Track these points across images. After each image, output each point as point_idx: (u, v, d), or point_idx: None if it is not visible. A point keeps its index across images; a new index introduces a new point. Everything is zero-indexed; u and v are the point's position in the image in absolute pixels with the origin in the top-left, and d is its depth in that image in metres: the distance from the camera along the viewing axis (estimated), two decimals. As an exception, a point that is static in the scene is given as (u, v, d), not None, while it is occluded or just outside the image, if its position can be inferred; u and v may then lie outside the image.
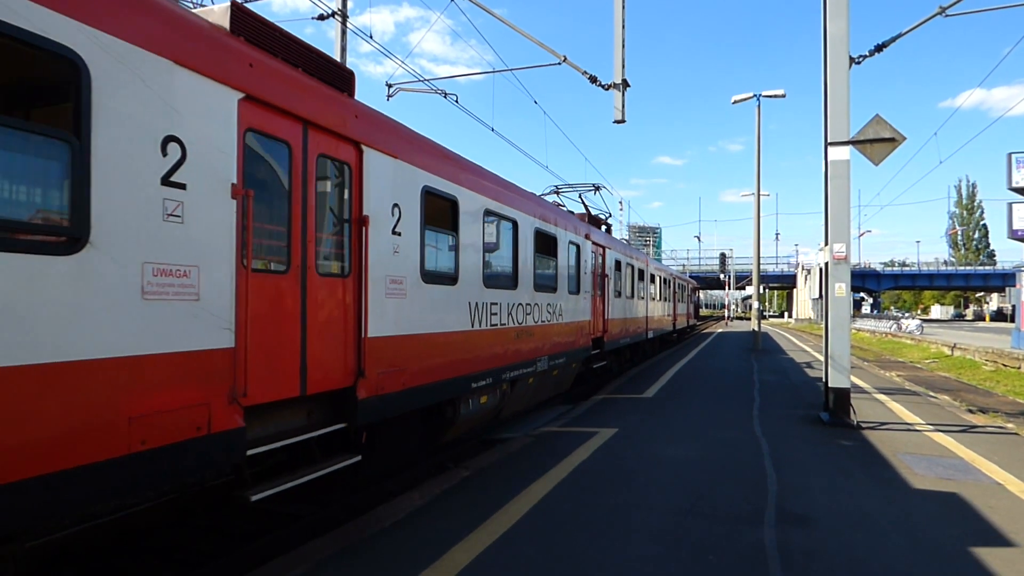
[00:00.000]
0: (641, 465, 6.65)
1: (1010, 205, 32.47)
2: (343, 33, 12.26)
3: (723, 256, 57.65)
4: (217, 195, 3.79)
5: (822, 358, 9.43)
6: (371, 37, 10.17)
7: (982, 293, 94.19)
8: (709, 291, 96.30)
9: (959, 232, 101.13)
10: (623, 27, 9.95)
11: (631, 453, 7.16)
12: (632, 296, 16.97)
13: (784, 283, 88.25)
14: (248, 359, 4.03)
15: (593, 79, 10.47)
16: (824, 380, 9.30)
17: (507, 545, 4.45)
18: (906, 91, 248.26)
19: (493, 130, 13.21)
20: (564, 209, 12.30)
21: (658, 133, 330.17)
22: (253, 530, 5.58)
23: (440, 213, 6.62)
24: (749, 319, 39.25)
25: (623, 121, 10.15)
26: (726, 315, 74.84)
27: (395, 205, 5.64)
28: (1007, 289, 66.80)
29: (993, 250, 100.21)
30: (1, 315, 2.70)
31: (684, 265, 79.13)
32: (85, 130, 3.04)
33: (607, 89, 10.16)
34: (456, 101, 10.81)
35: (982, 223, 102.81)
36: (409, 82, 11.84)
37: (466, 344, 6.95)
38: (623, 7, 10.10)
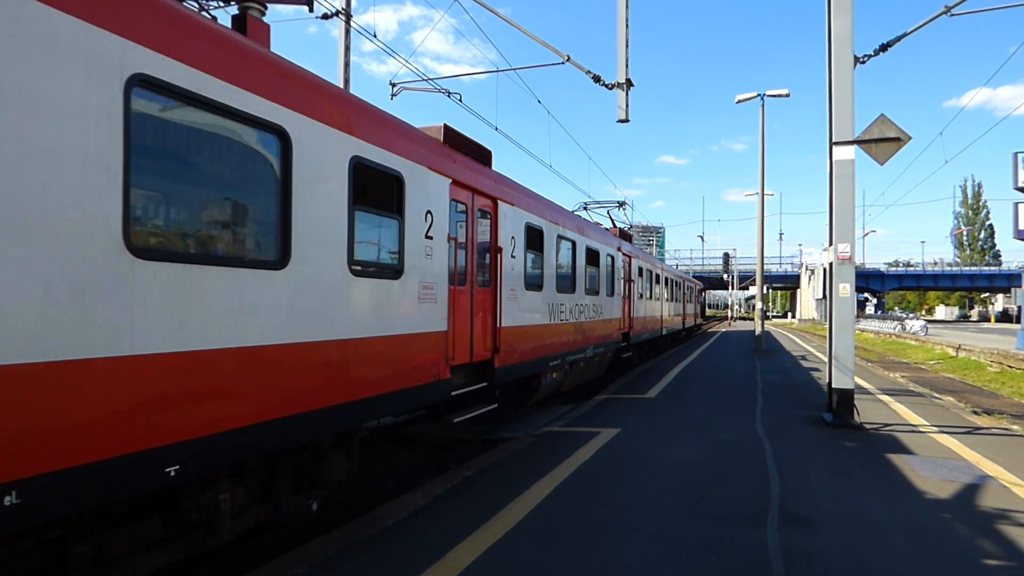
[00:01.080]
0: (643, 465, 6.63)
1: (1016, 205, 32.20)
2: (347, 32, 12.26)
3: (726, 256, 57.58)
4: (443, 242, 6.40)
5: (825, 359, 9.39)
6: (375, 36, 10.16)
7: (987, 294, 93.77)
8: (712, 291, 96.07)
9: (964, 232, 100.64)
10: (627, 26, 9.91)
11: (633, 453, 7.15)
12: (651, 298, 19.54)
13: (787, 283, 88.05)
14: (453, 338, 6.66)
15: (597, 79, 10.44)
16: (828, 381, 9.26)
17: (509, 545, 4.44)
18: (910, 90, 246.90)
19: (497, 129, 13.19)
20: (602, 227, 15.09)
21: (661, 132, 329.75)
22: (253, 528, 5.57)
23: (533, 239, 9.16)
24: (752, 319, 40.72)
25: (627, 120, 10.12)
26: (729, 315, 74.68)
27: (512, 237, 8.23)
28: (1013, 290, 66.34)
29: (999, 250, 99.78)
30: (377, 310, 5.32)
31: (678, 264, 79.02)
32: (401, 212, 5.72)
33: (611, 88, 10.13)
34: (460, 100, 10.78)
35: (987, 223, 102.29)
36: (413, 81, 11.80)
37: (547, 334, 9.55)
38: (627, 6, 10.06)
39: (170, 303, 3.45)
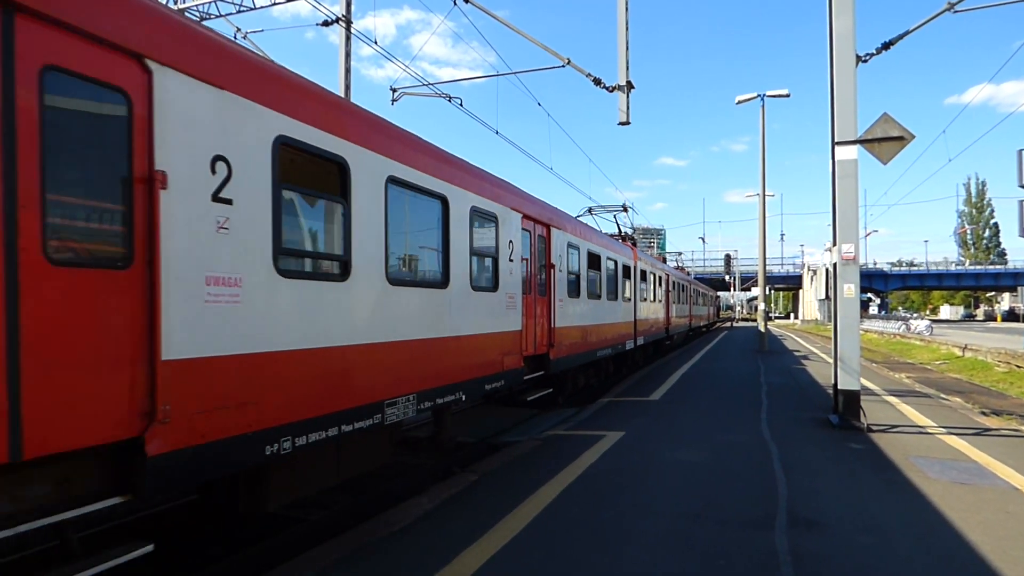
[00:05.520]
0: (649, 469, 6.59)
1: (1021, 203, 31.98)
2: (347, 39, 12.28)
3: (728, 257, 57.50)
4: (634, 287, 17.02)
5: (829, 359, 9.35)
6: (376, 42, 10.17)
7: (993, 293, 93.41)
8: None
9: (968, 231, 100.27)
10: (627, 29, 9.91)
11: (639, 457, 7.11)
12: (696, 304, 35.30)
13: (789, 284, 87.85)
14: (664, 320, 22.73)
15: (597, 81, 10.43)
16: (833, 382, 9.21)
17: (517, 550, 4.41)
18: (911, 87, 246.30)
19: (497, 133, 13.19)
20: (681, 267, 39.71)
21: (661, 134, 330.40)
22: (258, 533, 5.56)
23: (673, 285, 24.00)
24: (754, 320, 44.23)
25: (628, 123, 10.11)
26: (732, 316, 74.53)
27: (664, 285, 22.28)
28: (1019, 288, 66.06)
29: (1004, 249, 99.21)
30: (650, 314, 19.68)
31: (680, 266, 79.59)
32: (631, 279, 17.02)
33: (611, 91, 10.12)
34: (461, 105, 10.78)
35: (992, 222, 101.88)
36: (413, 86, 11.83)
37: (674, 320, 24.25)
38: (627, 9, 10.06)
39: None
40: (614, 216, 19.29)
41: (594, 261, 11.97)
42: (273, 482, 4.69)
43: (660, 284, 20.35)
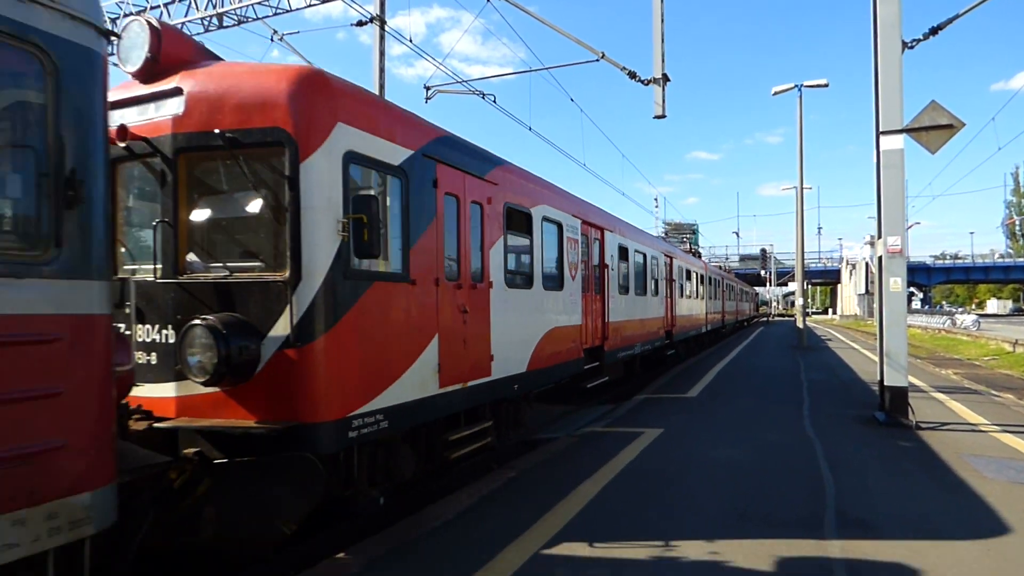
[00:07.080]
0: (690, 467, 6.51)
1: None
2: (381, 38, 12.40)
3: (763, 252, 56.38)
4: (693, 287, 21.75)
5: (870, 355, 9.09)
6: (411, 41, 10.25)
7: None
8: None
9: (1016, 222, 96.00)
10: (662, 21, 9.77)
11: (678, 454, 7.02)
12: (741, 300, 41.54)
13: (827, 279, 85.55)
14: (722, 315, 29.68)
15: (632, 75, 10.31)
16: (879, 379, 8.94)
17: (559, 547, 4.40)
18: (953, 73, 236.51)
19: (531, 129, 13.16)
20: (727, 270, 41.15)
21: (693, 127, 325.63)
22: (302, 528, 5.66)
23: (730, 286, 34.95)
24: (790, 316, 48.34)
25: (663, 116, 9.98)
26: (768, 312, 73.03)
27: (722, 287, 29.71)
28: (1071, 281, 62.98)
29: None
30: (712, 309, 26.08)
31: (711, 260, 78.12)
32: (695, 283, 22.53)
33: (647, 84, 9.99)
34: (495, 101, 10.80)
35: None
36: (447, 84, 11.89)
37: (725, 315, 30.89)
38: (661, 0, 9.92)
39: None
40: (684, 238, 29.45)
41: (688, 274, 19.25)
42: (606, 370, 10.51)
43: (718, 286, 27.35)
